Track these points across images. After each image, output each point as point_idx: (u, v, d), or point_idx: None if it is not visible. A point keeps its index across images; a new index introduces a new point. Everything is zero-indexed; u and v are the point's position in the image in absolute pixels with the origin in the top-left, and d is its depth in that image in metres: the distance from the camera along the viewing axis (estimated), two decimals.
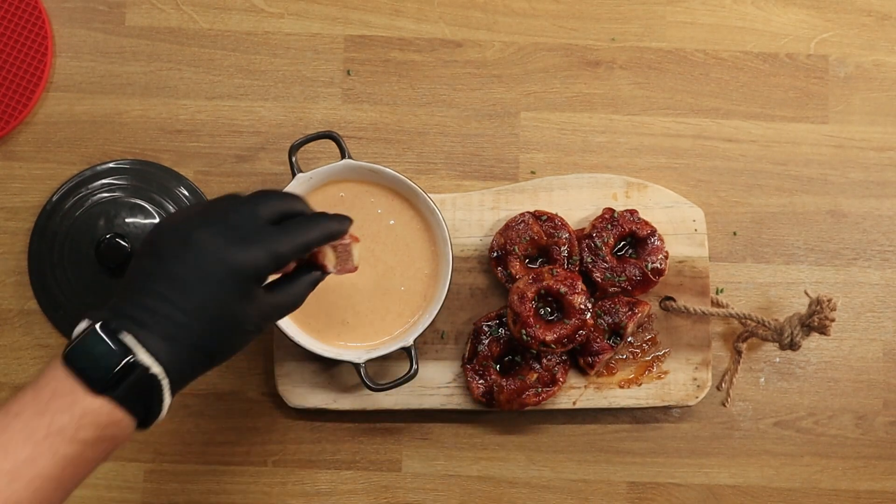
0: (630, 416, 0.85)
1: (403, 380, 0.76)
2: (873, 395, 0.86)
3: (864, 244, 0.87)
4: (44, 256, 0.83)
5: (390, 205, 0.80)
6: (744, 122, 0.88)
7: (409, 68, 0.88)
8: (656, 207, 0.84)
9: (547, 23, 0.89)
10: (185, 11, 0.88)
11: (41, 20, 0.86)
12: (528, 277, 0.79)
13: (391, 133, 0.87)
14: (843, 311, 0.86)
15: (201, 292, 0.57)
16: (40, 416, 0.52)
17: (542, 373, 0.80)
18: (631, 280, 0.81)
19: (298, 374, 0.82)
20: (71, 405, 0.53)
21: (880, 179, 0.88)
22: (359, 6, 0.88)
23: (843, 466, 0.85)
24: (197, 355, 0.57)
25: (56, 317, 0.84)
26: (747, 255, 0.87)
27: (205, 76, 0.87)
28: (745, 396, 0.85)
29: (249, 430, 0.84)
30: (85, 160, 0.86)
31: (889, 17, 0.90)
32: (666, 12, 0.89)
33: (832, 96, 0.89)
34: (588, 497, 0.84)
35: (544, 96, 0.88)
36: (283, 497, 0.83)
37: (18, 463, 0.51)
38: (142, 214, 0.83)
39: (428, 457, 0.84)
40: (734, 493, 0.84)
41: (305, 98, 0.87)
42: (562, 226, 0.81)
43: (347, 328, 0.79)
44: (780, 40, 0.89)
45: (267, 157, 0.86)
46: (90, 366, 0.54)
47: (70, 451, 0.53)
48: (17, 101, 0.85)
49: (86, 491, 0.83)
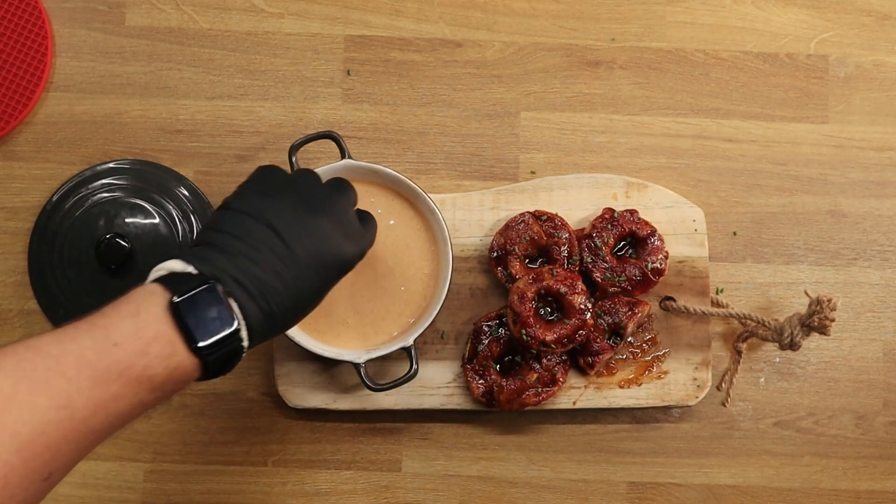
0: (630, 416, 0.85)
1: (403, 380, 0.76)
2: (873, 395, 0.86)
3: (864, 244, 0.87)
4: (44, 256, 0.83)
5: (390, 205, 0.80)
6: (744, 122, 0.88)
7: (409, 68, 0.88)
8: (656, 207, 0.84)
9: (547, 23, 0.89)
10: (185, 11, 0.88)
11: (41, 20, 0.86)
12: (528, 277, 0.79)
13: (391, 133, 0.87)
14: (843, 311, 0.86)
15: (311, 276, 0.59)
16: (138, 357, 0.51)
17: (542, 373, 0.80)
18: (631, 280, 0.81)
19: (298, 374, 0.82)
20: (169, 356, 0.52)
21: (880, 179, 0.88)
22: (359, 6, 0.88)
23: (843, 466, 0.85)
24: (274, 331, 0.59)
25: (56, 317, 0.84)
26: (747, 255, 0.87)
27: (205, 76, 0.87)
28: (745, 396, 0.85)
29: (249, 430, 0.84)
30: (85, 160, 0.86)
31: (889, 17, 0.90)
32: (666, 12, 0.89)
33: (832, 96, 0.89)
34: (588, 497, 0.84)
35: (544, 96, 0.88)
36: (283, 497, 0.83)
37: (107, 397, 0.50)
38: (142, 214, 0.83)
39: (428, 457, 0.84)
40: (734, 493, 0.84)
41: (305, 98, 0.87)
42: (562, 226, 0.81)
43: (347, 328, 0.79)
44: (780, 40, 0.89)
45: (267, 157, 0.86)
46: (198, 326, 0.53)
47: (148, 398, 0.52)
48: (17, 101, 0.85)
49: (86, 491, 0.83)
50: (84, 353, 0.50)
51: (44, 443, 0.47)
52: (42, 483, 0.48)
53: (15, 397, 0.47)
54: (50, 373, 0.48)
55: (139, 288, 0.55)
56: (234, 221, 0.59)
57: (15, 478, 0.46)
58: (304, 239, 0.59)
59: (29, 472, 0.47)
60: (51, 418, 0.48)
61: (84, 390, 0.49)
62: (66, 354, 0.49)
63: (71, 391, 0.49)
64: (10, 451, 0.46)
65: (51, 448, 0.48)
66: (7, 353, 0.49)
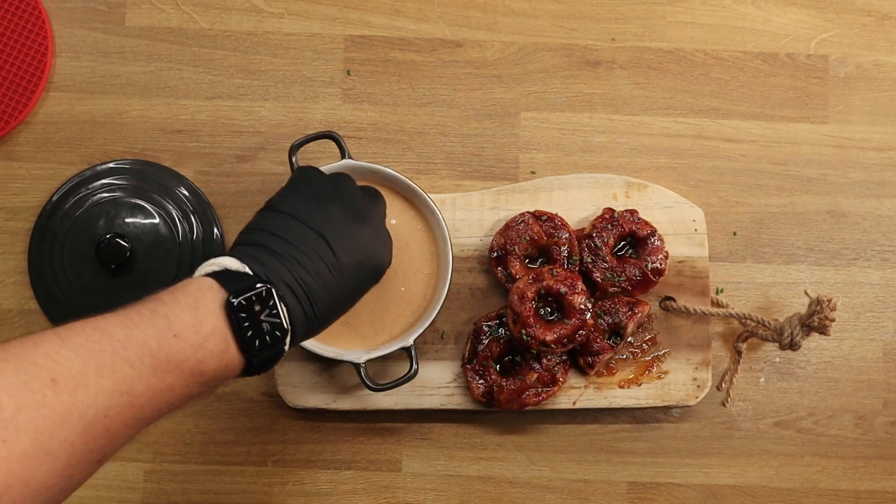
0: (630, 416, 0.85)
1: (403, 380, 0.76)
2: (873, 395, 0.86)
3: (864, 244, 0.87)
4: (44, 256, 0.83)
5: (390, 205, 0.80)
6: (744, 122, 0.88)
7: (409, 68, 0.88)
8: (656, 207, 0.84)
9: (547, 23, 0.89)
10: (185, 11, 0.88)
11: (41, 20, 0.86)
12: (528, 277, 0.79)
13: (391, 133, 0.87)
14: (843, 311, 0.86)
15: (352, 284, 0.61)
16: (195, 351, 0.51)
17: (542, 373, 0.80)
18: (631, 280, 0.81)
19: (298, 374, 0.82)
20: (222, 354, 0.53)
21: (880, 179, 0.88)
22: (359, 6, 0.88)
23: (843, 466, 0.85)
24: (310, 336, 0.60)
25: (56, 317, 0.84)
26: (747, 255, 0.87)
27: (205, 76, 0.87)
28: (745, 396, 0.85)
29: (249, 430, 0.84)
30: (85, 160, 0.86)
31: (889, 17, 0.90)
32: (666, 12, 0.89)
33: (832, 96, 0.89)
34: (588, 497, 0.84)
35: (544, 96, 0.88)
36: (283, 497, 0.83)
37: (164, 387, 0.50)
38: (142, 214, 0.83)
39: (428, 457, 0.84)
40: (734, 493, 0.84)
41: (305, 98, 0.87)
42: (562, 226, 0.81)
43: (347, 328, 0.79)
44: (780, 40, 0.89)
45: (267, 157, 0.86)
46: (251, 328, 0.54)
47: (196, 391, 0.53)
48: (17, 101, 0.85)
49: (86, 491, 0.83)
50: (147, 340, 0.50)
51: (105, 426, 0.48)
52: (96, 465, 0.49)
53: (83, 378, 0.47)
54: (116, 356, 0.49)
55: (194, 280, 0.55)
56: (285, 226, 0.60)
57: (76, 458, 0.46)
58: (350, 248, 0.61)
59: (87, 453, 0.47)
60: (114, 402, 0.48)
61: (144, 377, 0.49)
62: (130, 339, 0.50)
63: (133, 377, 0.49)
64: (75, 432, 0.46)
65: (110, 432, 0.48)
66: (76, 331, 0.49)
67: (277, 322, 0.55)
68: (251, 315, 0.54)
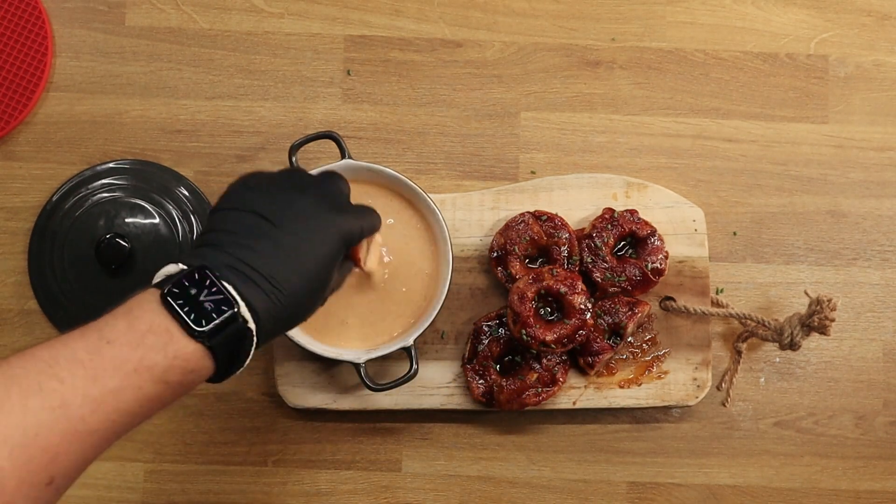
0: (630, 416, 0.85)
1: (403, 380, 0.76)
2: (873, 395, 0.86)
3: (864, 244, 0.87)
4: (44, 256, 0.83)
5: (390, 204, 0.80)
6: (744, 122, 0.88)
7: (409, 68, 0.88)
8: (656, 207, 0.84)
9: (547, 23, 0.89)
10: (185, 11, 0.88)
11: (41, 20, 0.86)
12: (528, 277, 0.79)
13: (391, 133, 0.87)
14: (843, 311, 0.86)
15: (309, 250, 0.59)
16: (133, 349, 0.51)
17: (542, 373, 0.80)
18: (631, 280, 0.81)
19: (298, 374, 0.82)
20: (165, 345, 0.52)
21: (880, 179, 0.88)
22: (359, 6, 0.88)
23: (843, 466, 0.85)
24: (287, 315, 0.58)
25: (56, 317, 0.84)
26: (747, 255, 0.87)
27: (205, 76, 0.87)
28: (745, 396, 0.85)
29: (249, 430, 0.84)
30: (85, 160, 0.86)
31: (889, 17, 0.90)
32: (666, 12, 0.89)
33: (832, 96, 0.89)
34: (588, 497, 0.84)
35: (544, 96, 0.88)
36: (283, 497, 0.83)
37: (105, 392, 0.49)
38: (142, 214, 0.83)
39: (428, 457, 0.84)
40: (734, 493, 0.84)
41: (305, 98, 0.87)
42: (562, 226, 0.81)
43: (347, 328, 0.79)
44: (780, 40, 0.89)
45: (267, 157, 0.86)
46: (192, 311, 0.53)
47: (153, 391, 0.51)
48: (17, 101, 0.85)
49: (86, 491, 0.83)
50: (76, 354, 0.50)
51: (39, 445, 0.47)
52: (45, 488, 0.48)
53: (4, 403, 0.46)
54: (42, 376, 0.48)
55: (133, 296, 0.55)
56: (221, 219, 0.59)
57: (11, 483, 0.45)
58: (291, 216, 0.59)
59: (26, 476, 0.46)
60: (43, 419, 0.47)
61: (79, 389, 0.49)
62: (57, 357, 0.49)
63: (64, 391, 0.48)
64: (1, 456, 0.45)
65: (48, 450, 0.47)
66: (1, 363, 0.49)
67: (220, 298, 0.53)
68: (189, 299, 0.53)
